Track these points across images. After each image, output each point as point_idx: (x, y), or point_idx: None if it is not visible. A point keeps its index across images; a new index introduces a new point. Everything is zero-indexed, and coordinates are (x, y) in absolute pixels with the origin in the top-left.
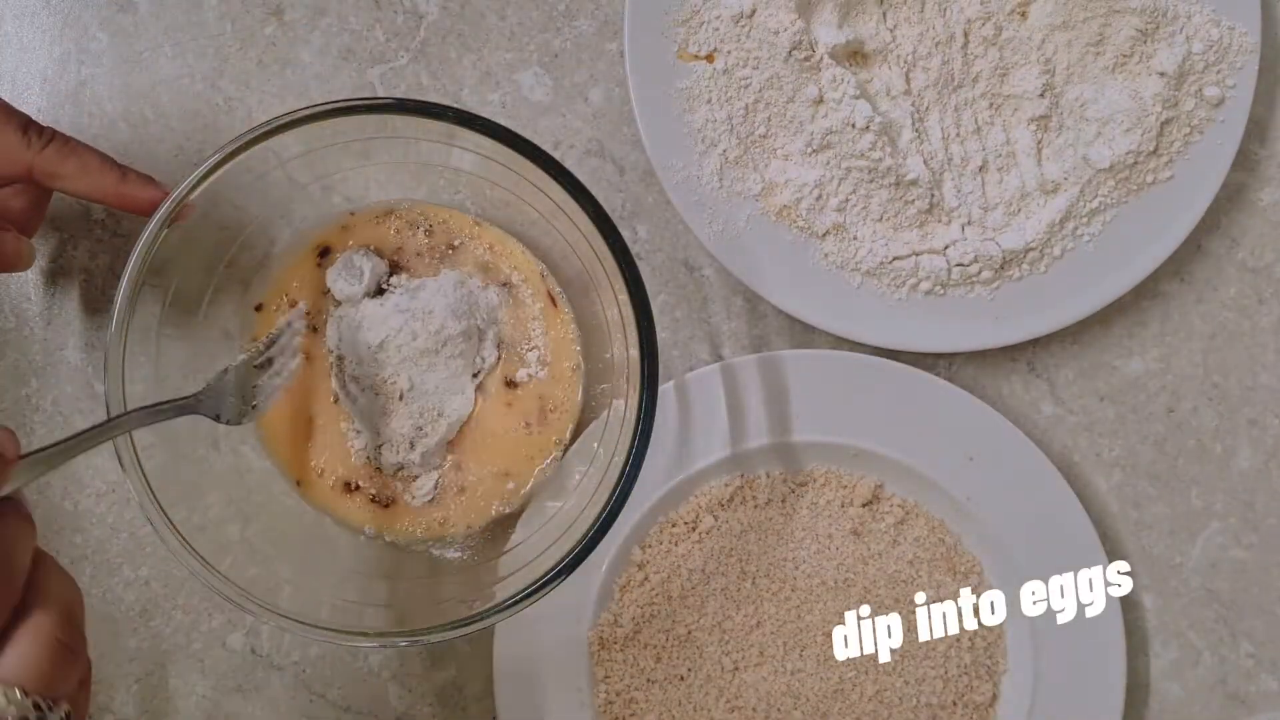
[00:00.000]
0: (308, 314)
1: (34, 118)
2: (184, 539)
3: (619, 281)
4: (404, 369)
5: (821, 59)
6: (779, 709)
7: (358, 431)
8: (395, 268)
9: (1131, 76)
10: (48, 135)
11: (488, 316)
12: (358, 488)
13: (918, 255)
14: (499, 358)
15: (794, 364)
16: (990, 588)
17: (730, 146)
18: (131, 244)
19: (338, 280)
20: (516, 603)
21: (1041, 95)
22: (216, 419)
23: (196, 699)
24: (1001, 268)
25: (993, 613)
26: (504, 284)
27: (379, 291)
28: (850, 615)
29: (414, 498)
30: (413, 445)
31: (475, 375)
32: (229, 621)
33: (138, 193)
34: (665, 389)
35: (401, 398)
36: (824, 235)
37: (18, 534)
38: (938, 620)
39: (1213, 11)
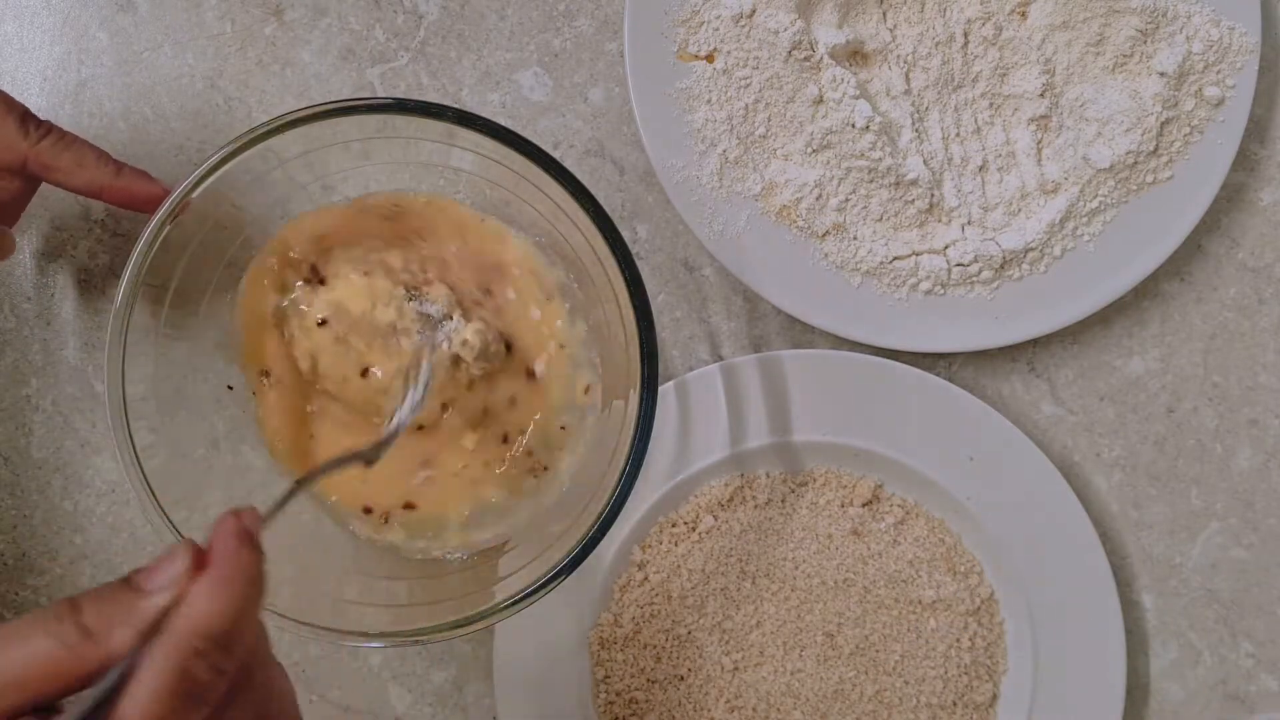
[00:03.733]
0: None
1: (50, 121)
2: (184, 539)
3: (619, 282)
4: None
5: (821, 59)
6: (779, 709)
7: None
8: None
9: (1131, 76)
10: (45, 128)
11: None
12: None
13: (918, 255)
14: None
15: (794, 364)
16: (990, 588)
17: (730, 146)
18: (131, 244)
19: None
20: (516, 603)
21: (1041, 95)
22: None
23: None
24: (1001, 268)
25: (993, 613)
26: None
27: None
28: (850, 615)
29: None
30: None
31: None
32: None
33: (133, 187)
34: (665, 389)
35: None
36: (824, 235)
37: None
38: (937, 620)
39: (1213, 11)
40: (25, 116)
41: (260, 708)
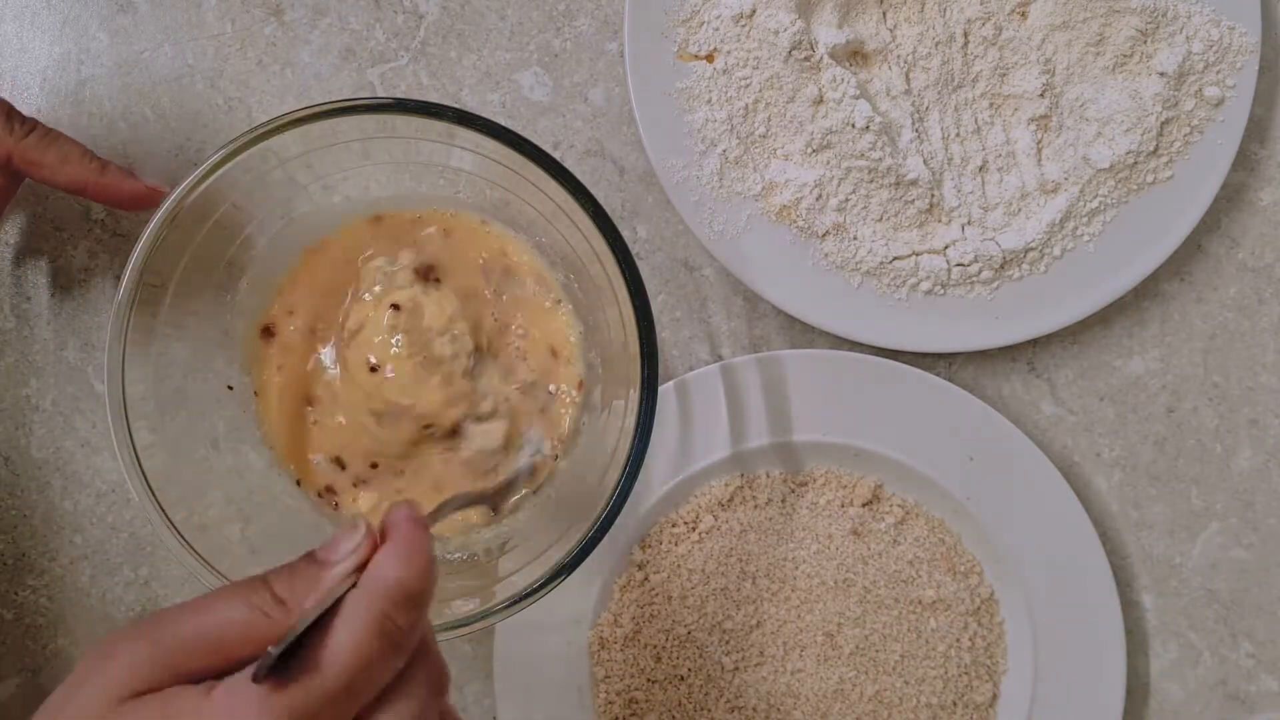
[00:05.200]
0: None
1: (35, 118)
2: (184, 539)
3: (619, 281)
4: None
5: (821, 59)
6: (779, 709)
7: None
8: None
9: (1131, 76)
10: (29, 124)
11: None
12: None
13: (918, 255)
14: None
15: (794, 364)
16: (990, 588)
17: (730, 146)
18: (131, 244)
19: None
20: (516, 603)
21: (1041, 95)
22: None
23: None
24: (1001, 268)
25: (993, 613)
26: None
27: None
28: (850, 615)
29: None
30: None
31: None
32: None
33: (118, 185)
34: (665, 389)
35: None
36: (824, 235)
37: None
38: (937, 620)
39: (1213, 11)
40: (10, 113)
41: (434, 679)
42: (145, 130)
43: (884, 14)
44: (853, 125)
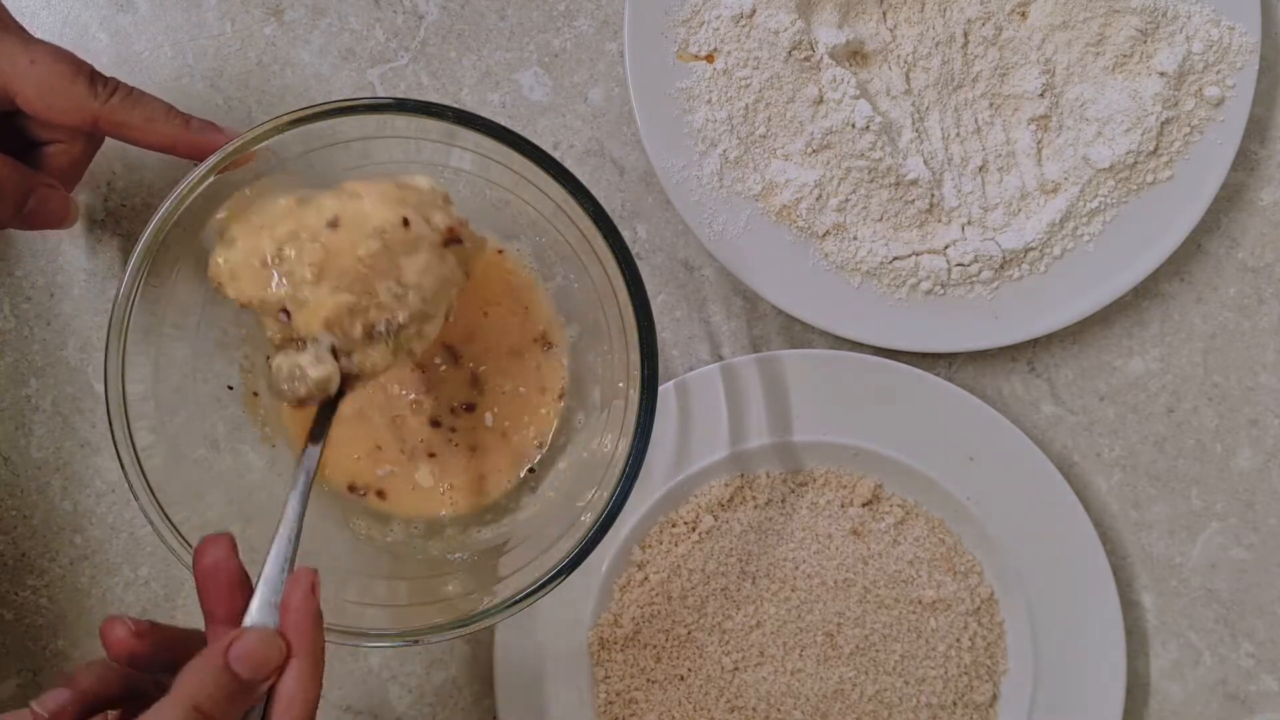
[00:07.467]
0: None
1: (115, 78)
2: (184, 539)
3: (619, 281)
4: None
5: (821, 59)
6: (779, 709)
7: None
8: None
9: (1131, 76)
10: (113, 85)
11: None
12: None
13: (918, 255)
14: None
15: (794, 364)
16: (990, 588)
17: (730, 146)
18: (132, 244)
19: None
20: (516, 603)
21: (1041, 95)
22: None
23: None
24: (1001, 268)
25: (993, 613)
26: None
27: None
28: (850, 615)
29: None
30: None
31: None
32: None
33: (204, 139)
34: (665, 389)
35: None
36: (824, 235)
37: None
38: (937, 620)
39: (1213, 11)
40: (93, 76)
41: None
42: None
43: (884, 14)
44: (853, 125)
